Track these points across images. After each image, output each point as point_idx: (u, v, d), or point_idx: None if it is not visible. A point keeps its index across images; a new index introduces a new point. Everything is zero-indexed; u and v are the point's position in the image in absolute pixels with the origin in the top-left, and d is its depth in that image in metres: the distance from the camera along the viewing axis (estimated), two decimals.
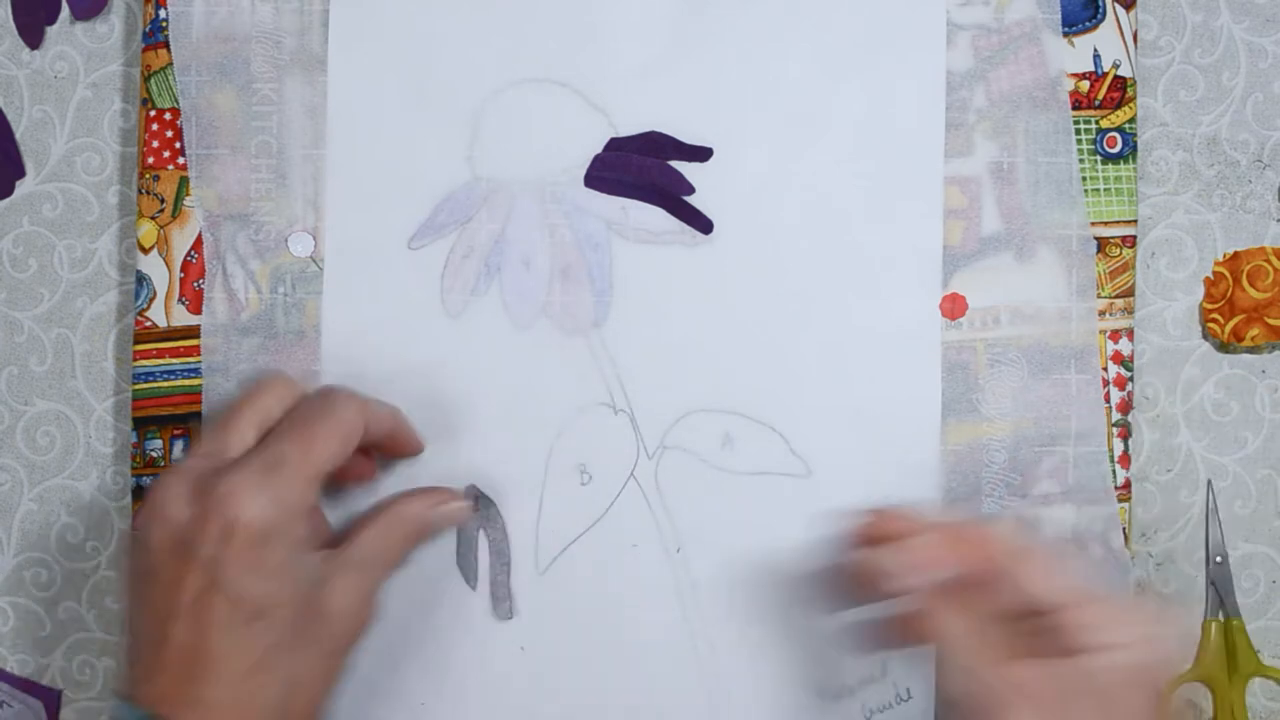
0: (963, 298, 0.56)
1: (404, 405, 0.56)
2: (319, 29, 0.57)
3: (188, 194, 0.56)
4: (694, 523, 0.55)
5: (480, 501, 0.55)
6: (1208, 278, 0.57)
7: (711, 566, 0.55)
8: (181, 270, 0.56)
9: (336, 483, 0.54)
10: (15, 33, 0.59)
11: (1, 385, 0.59)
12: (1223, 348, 0.58)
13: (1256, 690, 0.57)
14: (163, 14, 0.56)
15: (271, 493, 0.47)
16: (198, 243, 0.56)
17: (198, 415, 0.56)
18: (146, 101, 0.57)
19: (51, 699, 0.57)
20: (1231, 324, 0.57)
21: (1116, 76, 0.56)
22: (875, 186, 0.56)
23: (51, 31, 0.59)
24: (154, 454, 0.56)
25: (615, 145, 0.56)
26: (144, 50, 0.57)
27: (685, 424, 0.56)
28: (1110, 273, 0.56)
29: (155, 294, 0.56)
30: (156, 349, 0.56)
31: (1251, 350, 0.58)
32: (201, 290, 0.56)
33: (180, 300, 0.56)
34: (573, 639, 0.55)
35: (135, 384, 0.56)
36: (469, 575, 0.55)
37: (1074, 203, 0.56)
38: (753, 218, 0.56)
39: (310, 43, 0.57)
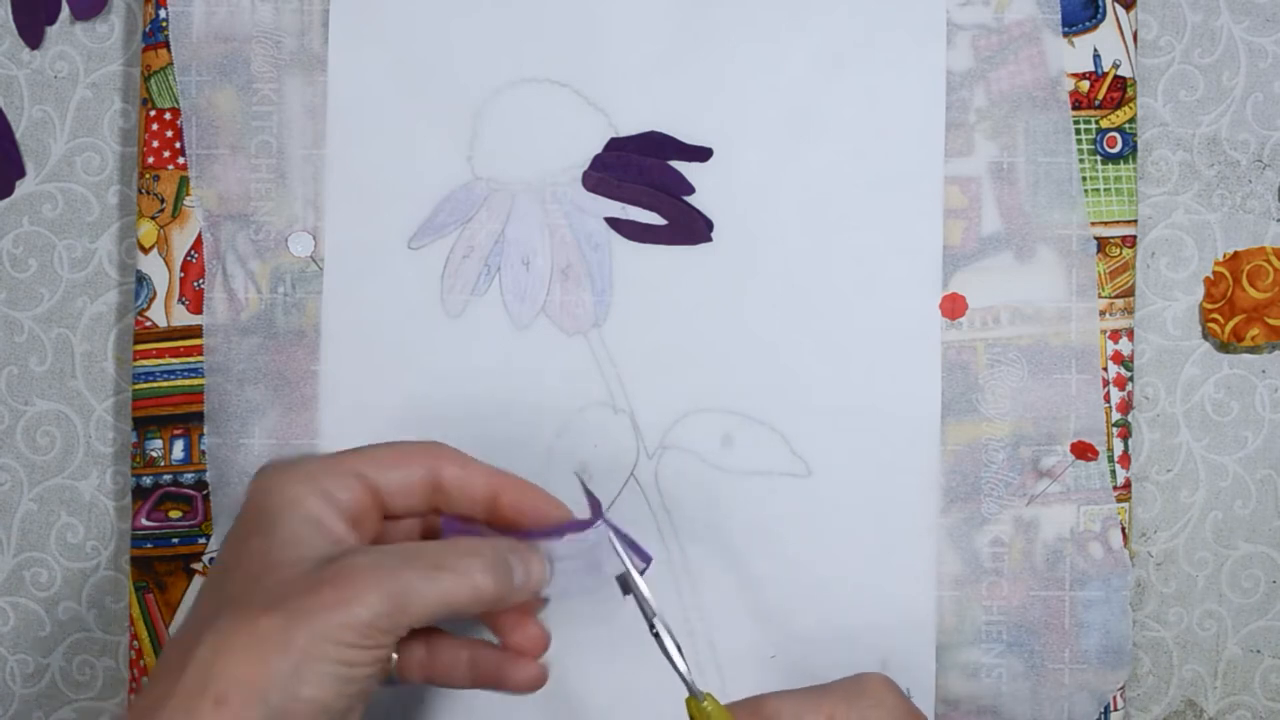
0: (963, 298, 0.56)
1: (404, 405, 0.56)
2: (319, 29, 0.57)
3: (188, 194, 0.56)
4: (694, 523, 0.55)
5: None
6: (1208, 278, 0.57)
7: (711, 566, 0.55)
8: (181, 270, 0.56)
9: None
10: (15, 33, 0.59)
11: (1, 385, 0.59)
12: (1223, 348, 0.58)
13: (1257, 689, 0.57)
14: (163, 14, 0.56)
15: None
16: (198, 243, 0.56)
17: (198, 415, 0.56)
18: (146, 101, 0.57)
19: None
20: (1231, 324, 0.57)
21: (1116, 76, 0.56)
22: (875, 186, 0.56)
23: (51, 31, 0.59)
24: (154, 454, 0.56)
25: (615, 145, 0.56)
26: (144, 50, 0.57)
27: (685, 424, 0.56)
28: (1110, 273, 0.56)
29: (155, 294, 0.56)
30: (156, 349, 0.56)
31: (1251, 350, 0.58)
32: (201, 290, 0.56)
33: (180, 300, 0.56)
34: (572, 638, 0.55)
35: (135, 384, 0.56)
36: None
37: (1074, 203, 0.56)
38: (753, 218, 0.56)
39: (310, 43, 0.57)
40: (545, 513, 0.46)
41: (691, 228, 0.56)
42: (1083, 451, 0.55)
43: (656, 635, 0.46)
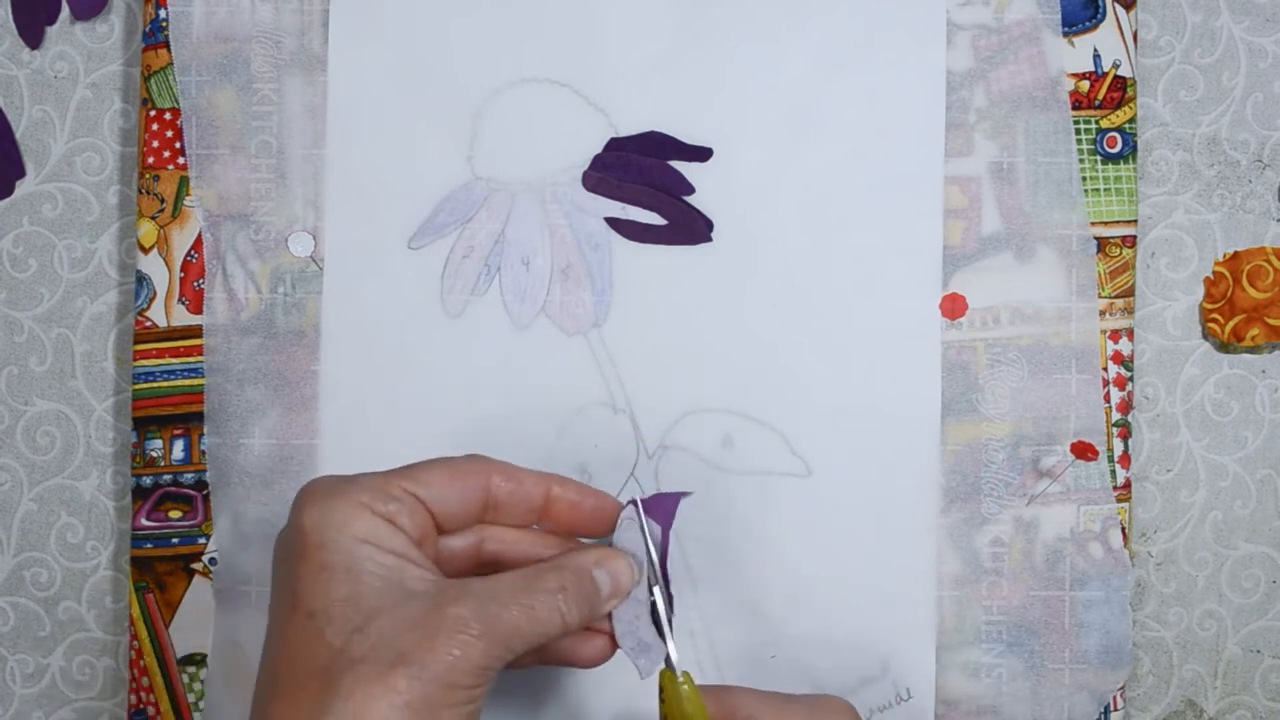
0: (963, 298, 0.56)
1: (404, 405, 0.56)
2: (319, 29, 0.57)
3: (188, 194, 0.56)
4: (694, 523, 0.55)
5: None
6: (1208, 278, 0.57)
7: (711, 566, 0.55)
8: (181, 270, 0.56)
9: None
10: (15, 33, 0.59)
11: (1, 385, 0.59)
12: (1223, 348, 0.58)
13: (1257, 689, 0.57)
14: (163, 14, 0.56)
15: None
16: (198, 243, 0.56)
17: (198, 415, 0.56)
18: (146, 101, 0.57)
19: None
20: (1231, 324, 0.57)
21: (1116, 76, 0.56)
22: (875, 186, 0.56)
23: (51, 31, 0.59)
24: (154, 454, 0.56)
25: (615, 145, 0.56)
26: (144, 50, 0.57)
27: (685, 424, 0.56)
28: (1110, 273, 0.56)
29: (155, 294, 0.56)
30: (156, 349, 0.56)
31: (1251, 350, 0.58)
32: (201, 290, 0.56)
33: (180, 300, 0.56)
34: None
35: (135, 384, 0.56)
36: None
37: (1074, 203, 0.56)
38: (753, 218, 0.56)
39: (310, 43, 0.57)
40: (599, 510, 0.47)
41: (691, 228, 0.56)
42: (1083, 451, 0.55)
43: (653, 603, 0.46)
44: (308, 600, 0.42)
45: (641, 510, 0.47)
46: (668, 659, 0.46)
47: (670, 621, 0.46)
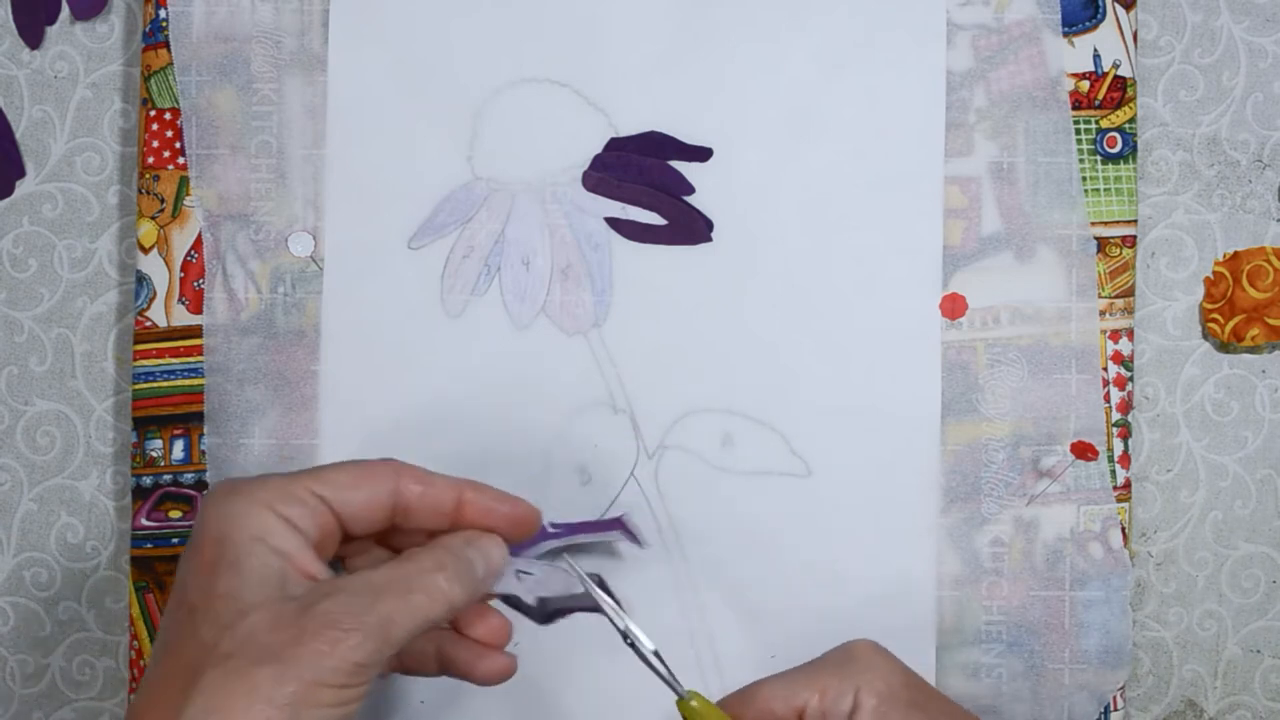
0: (963, 298, 0.56)
1: (404, 405, 0.56)
2: (319, 29, 0.57)
3: (188, 194, 0.56)
4: (694, 523, 0.55)
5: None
6: (1208, 278, 0.57)
7: (711, 566, 0.55)
8: (181, 270, 0.56)
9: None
10: (15, 33, 0.59)
11: (1, 385, 0.59)
12: (1223, 348, 0.58)
13: (1257, 689, 0.57)
14: (163, 14, 0.57)
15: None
16: (198, 243, 0.56)
17: (198, 415, 0.56)
18: (146, 101, 0.57)
19: None
20: (1231, 324, 0.57)
21: (1116, 76, 0.56)
22: (875, 186, 0.56)
23: (51, 31, 0.59)
24: (154, 454, 0.56)
25: (615, 145, 0.56)
26: (144, 50, 0.57)
27: (685, 424, 0.56)
28: (1110, 273, 0.56)
29: (155, 294, 0.56)
30: (156, 349, 0.56)
31: (1251, 350, 0.58)
32: (201, 290, 0.56)
33: (180, 300, 0.56)
34: (571, 639, 0.55)
35: (135, 384, 0.56)
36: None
37: (1074, 203, 0.56)
38: (753, 218, 0.56)
39: (310, 43, 0.57)
40: (513, 515, 0.46)
41: (691, 228, 0.56)
42: (1083, 451, 0.55)
43: (631, 644, 0.46)
44: (192, 595, 0.41)
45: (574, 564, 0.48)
46: (674, 689, 0.46)
47: (663, 659, 0.46)
